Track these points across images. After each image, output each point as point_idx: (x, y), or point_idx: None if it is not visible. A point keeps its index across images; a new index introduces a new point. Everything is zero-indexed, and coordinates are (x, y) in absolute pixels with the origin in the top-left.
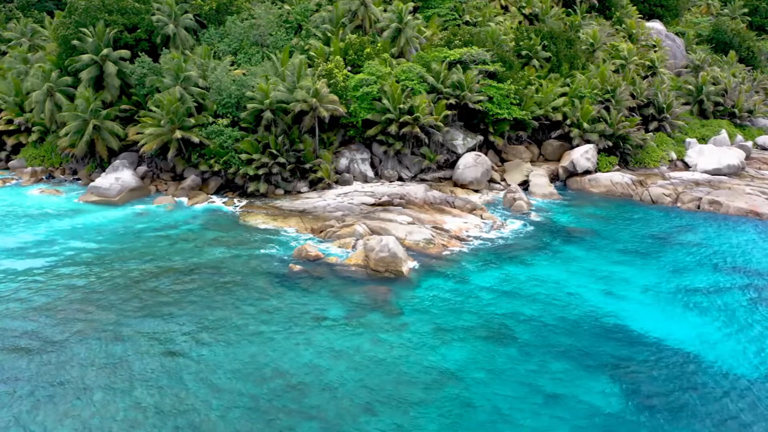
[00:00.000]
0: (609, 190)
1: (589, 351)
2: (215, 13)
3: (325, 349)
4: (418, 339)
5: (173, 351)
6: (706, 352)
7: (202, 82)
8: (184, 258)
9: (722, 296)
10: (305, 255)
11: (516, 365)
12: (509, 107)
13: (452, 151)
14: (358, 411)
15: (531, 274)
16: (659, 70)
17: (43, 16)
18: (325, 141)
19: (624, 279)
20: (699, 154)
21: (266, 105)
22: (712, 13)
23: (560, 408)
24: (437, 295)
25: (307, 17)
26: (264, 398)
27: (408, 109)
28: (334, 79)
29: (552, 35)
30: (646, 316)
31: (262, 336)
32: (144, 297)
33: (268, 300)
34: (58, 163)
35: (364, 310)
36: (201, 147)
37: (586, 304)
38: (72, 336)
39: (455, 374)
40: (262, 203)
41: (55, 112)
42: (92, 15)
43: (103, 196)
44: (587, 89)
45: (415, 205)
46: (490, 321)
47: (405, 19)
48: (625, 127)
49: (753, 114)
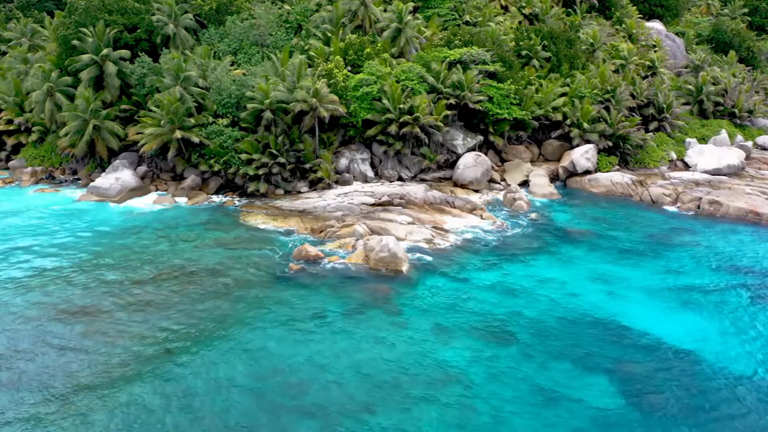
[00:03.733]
0: (609, 190)
1: (589, 350)
2: (215, 13)
3: (326, 348)
4: (418, 337)
5: (173, 349)
6: (706, 351)
7: (202, 82)
8: (184, 258)
9: (722, 296)
10: (305, 255)
11: (516, 364)
12: (509, 107)
13: (452, 151)
14: (358, 409)
15: (531, 274)
16: (659, 70)
17: (43, 16)
18: (325, 141)
19: (624, 279)
20: (699, 154)
21: (266, 105)
22: (712, 13)
23: (560, 408)
24: (437, 294)
25: (307, 17)
26: (264, 396)
27: (408, 109)
28: (334, 79)
29: (552, 35)
30: (646, 316)
31: (263, 334)
32: (144, 297)
33: (268, 299)
34: (58, 163)
35: (365, 309)
36: (201, 147)
37: (586, 304)
38: (72, 336)
39: (455, 373)
40: (262, 203)
41: (55, 112)
42: (92, 15)
43: (103, 196)
44: (587, 89)
45: (415, 205)
46: (490, 320)
47: (405, 19)
48: (625, 127)
49: (753, 114)
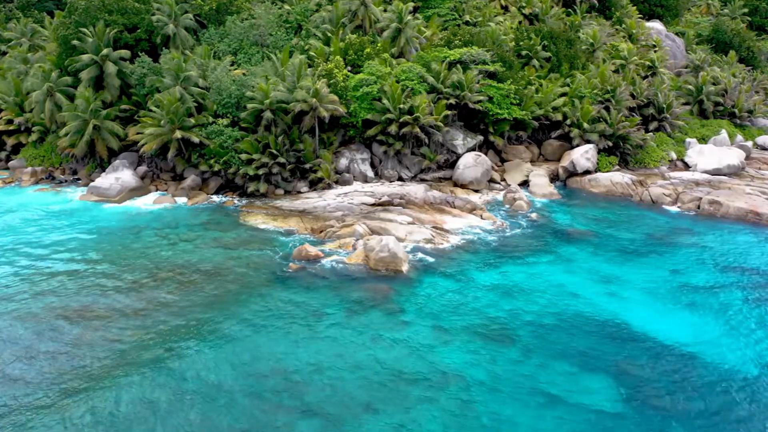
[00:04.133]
0: (609, 190)
1: (590, 350)
2: (215, 13)
3: (325, 347)
4: (418, 337)
5: (174, 349)
6: (706, 351)
7: (202, 82)
8: (184, 258)
9: (722, 296)
10: (305, 254)
11: (516, 365)
12: (509, 107)
13: (452, 151)
14: (358, 409)
15: (531, 274)
16: (659, 70)
17: (43, 16)
18: (325, 141)
19: (624, 279)
20: (699, 154)
21: (266, 105)
22: (712, 13)
23: (561, 408)
24: (438, 294)
25: (307, 17)
26: (265, 396)
27: (408, 109)
28: (334, 79)
29: (552, 35)
30: (646, 316)
31: (263, 334)
32: (143, 296)
33: (268, 298)
34: (58, 163)
35: (365, 309)
36: (201, 147)
37: (586, 304)
38: (73, 336)
39: (456, 373)
40: (262, 203)
41: (55, 112)
42: (92, 15)
43: (103, 196)
44: (587, 89)
45: (415, 205)
46: (490, 320)
47: (405, 19)
48: (625, 127)
49: (753, 114)
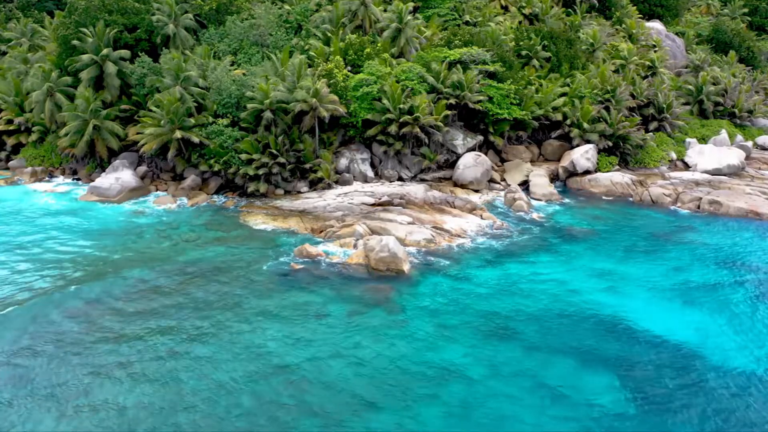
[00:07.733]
0: (609, 190)
1: (591, 349)
2: (215, 13)
3: (327, 346)
4: (419, 336)
5: (175, 349)
6: (707, 349)
7: (202, 82)
8: (184, 258)
9: (723, 294)
10: (306, 254)
11: (518, 363)
12: (509, 107)
13: (452, 151)
14: (360, 408)
15: (531, 273)
16: (659, 70)
17: (43, 16)
18: (325, 141)
19: (625, 278)
20: (699, 154)
21: (266, 105)
22: (712, 13)
23: (562, 406)
24: (438, 293)
25: (307, 17)
26: (266, 395)
27: (408, 109)
28: (334, 79)
29: (552, 35)
30: (647, 314)
31: (264, 333)
32: (145, 296)
33: (269, 298)
34: (58, 163)
35: (366, 308)
36: (201, 147)
37: (587, 302)
38: (73, 336)
39: (457, 371)
40: (262, 203)
41: (55, 112)
42: (92, 15)
43: (103, 196)
44: (587, 89)
45: (415, 205)
46: (491, 319)
47: (405, 19)
48: (625, 127)
49: (753, 114)
